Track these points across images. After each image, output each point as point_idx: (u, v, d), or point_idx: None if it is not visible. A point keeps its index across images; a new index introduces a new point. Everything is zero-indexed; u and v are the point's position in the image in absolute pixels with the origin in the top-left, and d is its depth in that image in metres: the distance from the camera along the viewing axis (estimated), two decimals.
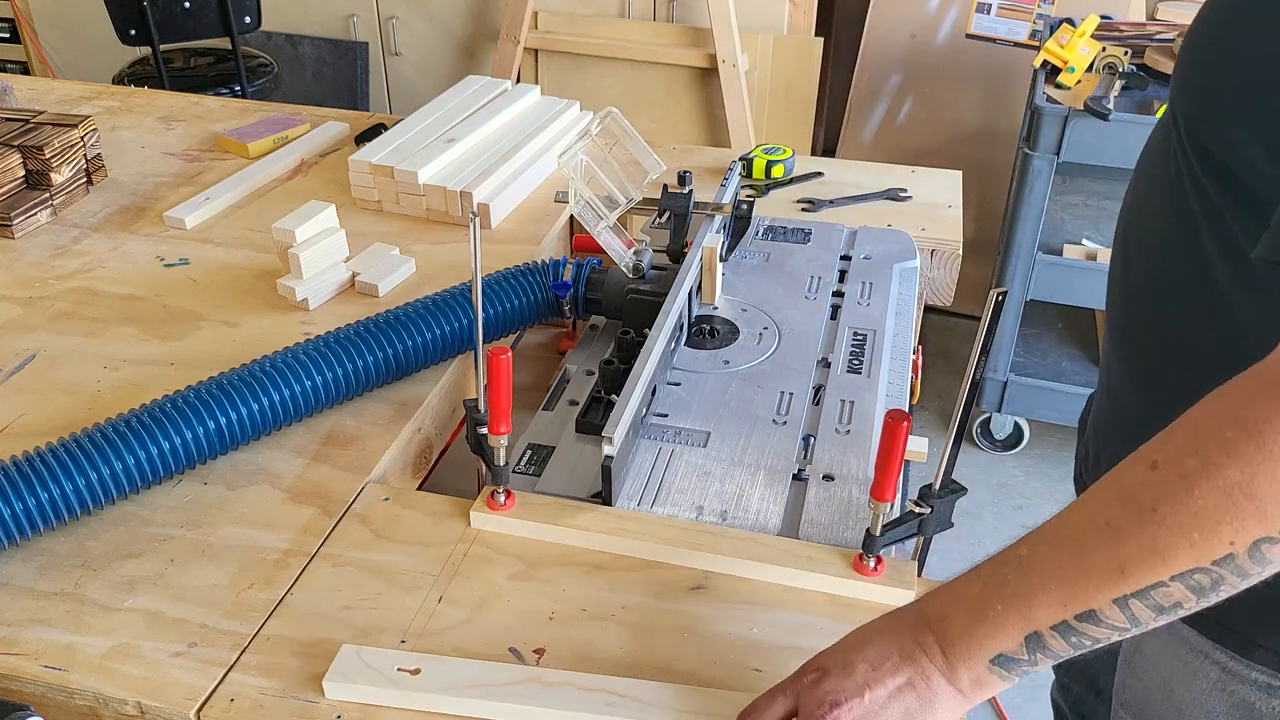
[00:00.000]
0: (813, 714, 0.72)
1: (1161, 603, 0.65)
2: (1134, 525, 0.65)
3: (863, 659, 0.72)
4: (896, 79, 3.12)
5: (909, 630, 0.73)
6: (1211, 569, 0.63)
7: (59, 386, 1.16)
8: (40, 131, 1.53)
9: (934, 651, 0.71)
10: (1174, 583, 0.64)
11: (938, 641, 0.71)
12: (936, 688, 0.71)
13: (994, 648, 0.69)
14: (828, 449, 1.08)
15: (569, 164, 1.17)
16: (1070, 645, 0.68)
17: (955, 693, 0.71)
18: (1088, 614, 0.66)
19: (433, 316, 1.14)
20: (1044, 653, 0.69)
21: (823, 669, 0.74)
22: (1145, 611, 0.66)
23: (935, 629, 0.72)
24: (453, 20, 3.41)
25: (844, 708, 0.71)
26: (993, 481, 2.55)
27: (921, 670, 0.71)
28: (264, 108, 1.93)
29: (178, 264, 1.40)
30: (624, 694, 0.80)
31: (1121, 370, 0.98)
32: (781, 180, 1.65)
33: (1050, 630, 0.68)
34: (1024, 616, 0.68)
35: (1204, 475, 0.62)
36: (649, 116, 3.17)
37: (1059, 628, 0.67)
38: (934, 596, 0.74)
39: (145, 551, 0.95)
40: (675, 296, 1.16)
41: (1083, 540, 0.67)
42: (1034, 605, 0.68)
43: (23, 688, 0.85)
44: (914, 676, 0.71)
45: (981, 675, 0.70)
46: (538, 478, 1.04)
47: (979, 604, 0.70)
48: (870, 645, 0.73)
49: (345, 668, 0.82)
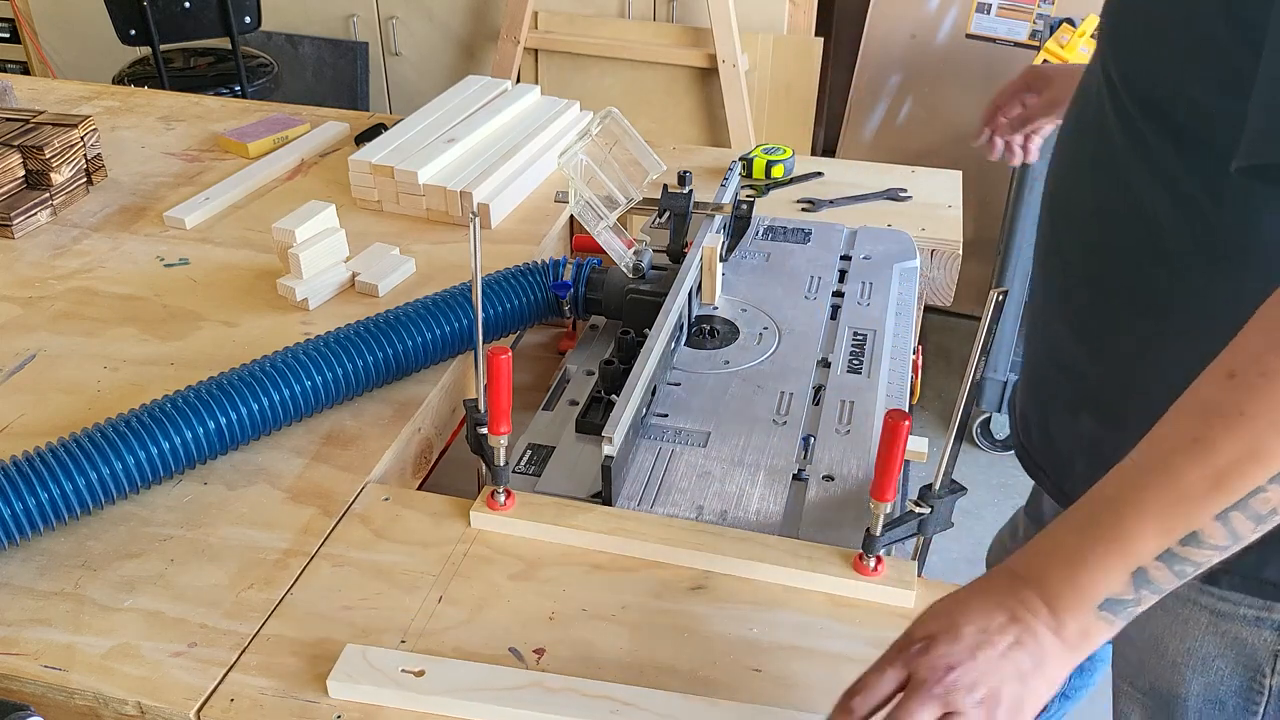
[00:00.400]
0: (927, 680, 0.69)
1: (1260, 510, 0.65)
2: (1224, 434, 0.65)
3: (968, 621, 0.71)
4: (896, 79, 3.12)
5: (1007, 590, 0.71)
6: None
7: (59, 386, 1.16)
8: (40, 131, 1.53)
9: (1038, 607, 0.70)
10: (1272, 485, 0.64)
11: (1040, 597, 0.70)
12: (1045, 644, 0.70)
13: (1101, 592, 0.68)
14: (828, 449, 1.08)
15: (569, 164, 1.17)
16: (1175, 574, 0.68)
17: (1063, 647, 0.70)
18: (1190, 537, 0.66)
19: (433, 316, 1.14)
20: (1149, 588, 0.68)
21: (930, 636, 0.72)
22: (1245, 524, 0.65)
23: (1035, 586, 0.71)
24: (453, 20, 3.41)
25: (959, 670, 0.69)
26: (993, 481, 2.55)
27: (1029, 628, 0.70)
28: (264, 108, 1.93)
29: (178, 264, 1.40)
30: (628, 701, 0.80)
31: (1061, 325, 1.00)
32: (781, 180, 1.65)
33: (1155, 562, 0.67)
34: (1126, 553, 0.68)
35: None
36: (649, 116, 3.17)
37: (1163, 557, 0.67)
38: (1023, 555, 0.73)
39: (145, 551, 0.95)
40: (675, 296, 1.16)
41: (1171, 463, 0.67)
42: (1134, 540, 0.67)
43: (23, 688, 0.85)
44: (1022, 634, 0.70)
45: (1089, 624, 0.69)
46: (538, 478, 1.04)
47: (1076, 552, 0.69)
48: (972, 608, 0.72)
49: (349, 668, 0.82)
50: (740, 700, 0.81)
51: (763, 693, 0.82)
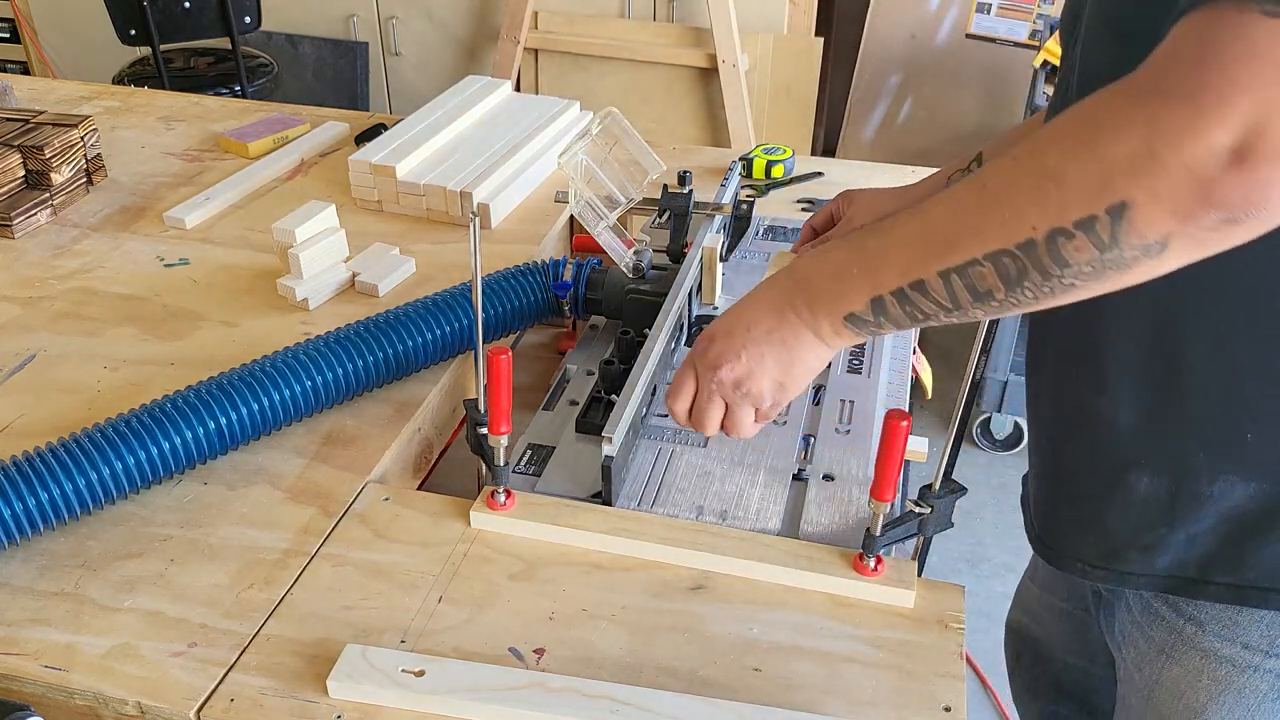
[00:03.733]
0: (704, 377, 0.86)
1: (977, 285, 0.70)
2: (967, 200, 0.70)
3: (740, 324, 0.84)
4: (896, 79, 3.12)
5: (781, 291, 0.82)
6: (1016, 253, 0.66)
7: (59, 386, 1.16)
8: (40, 131, 1.53)
9: (800, 307, 0.81)
10: (986, 263, 0.68)
11: (804, 300, 0.80)
12: (801, 337, 0.81)
13: (846, 306, 0.78)
14: (828, 449, 1.08)
15: (569, 164, 1.17)
16: (905, 313, 0.75)
17: (817, 340, 0.81)
18: (918, 284, 0.72)
19: (433, 316, 1.14)
20: (885, 317, 0.76)
21: (711, 337, 0.86)
22: (963, 293, 0.71)
23: (803, 289, 0.81)
24: (453, 20, 3.41)
25: (725, 368, 0.84)
26: (993, 481, 2.55)
27: (788, 324, 0.82)
28: (264, 108, 1.93)
29: (178, 264, 1.40)
30: (627, 701, 0.80)
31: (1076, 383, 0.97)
32: (781, 180, 1.65)
33: (890, 295, 0.74)
34: (872, 281, 0.75)
35: (1029, 158, 0.66)
36: (649, 116, 3.17)
37: (896, 294, 0.74)
38: (807, 258, 0.82)
39: (145, 551, 0.95)
40: (675, 296, 1.16)
41: (929, 216, 0.73)
42: (880, 271, 0.75)
43: (23, 688, 0.85)
44: (782, 331, 0.82)
45: (838, 327, 0.79)
46: (538, 478, 1.04)
47: (840, 267, 0.78)
48: (748, 310, 0.84)
49: (350, 668, 0.82)
50: (740, 700, 0.81)
51: (763, 693, 0.82)
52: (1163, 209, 0.59)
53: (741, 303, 0.85)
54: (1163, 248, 0.61)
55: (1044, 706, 1.34)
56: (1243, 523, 0.83)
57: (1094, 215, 0.61)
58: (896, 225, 0.75)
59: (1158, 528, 0.86)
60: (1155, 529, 0.86)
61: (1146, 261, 0.63)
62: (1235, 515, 0.83)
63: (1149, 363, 0.82)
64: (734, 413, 0.88)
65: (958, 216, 0.70)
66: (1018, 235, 0.66)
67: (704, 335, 0.87)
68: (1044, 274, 0.66)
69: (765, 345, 0.83)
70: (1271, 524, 0.82)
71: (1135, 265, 0.63)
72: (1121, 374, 0.84)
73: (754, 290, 0.85)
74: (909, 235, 0.73)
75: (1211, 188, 0.57)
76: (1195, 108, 0.57)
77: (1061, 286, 0.66)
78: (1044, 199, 0.64)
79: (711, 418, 0.88)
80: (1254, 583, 0.84)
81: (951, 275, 0.70)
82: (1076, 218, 0.62)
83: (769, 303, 0.83)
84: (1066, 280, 0.66)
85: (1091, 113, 0.62)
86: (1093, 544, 0.91)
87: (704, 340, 0.87)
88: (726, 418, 0.88)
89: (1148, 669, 0.96)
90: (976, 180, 0.69)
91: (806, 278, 0.81)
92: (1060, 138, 0.64)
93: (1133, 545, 0.88)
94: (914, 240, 0.73)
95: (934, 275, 0.71)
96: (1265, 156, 0.55)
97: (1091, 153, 0.61)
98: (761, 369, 0.83)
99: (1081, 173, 0.62)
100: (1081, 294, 0.67)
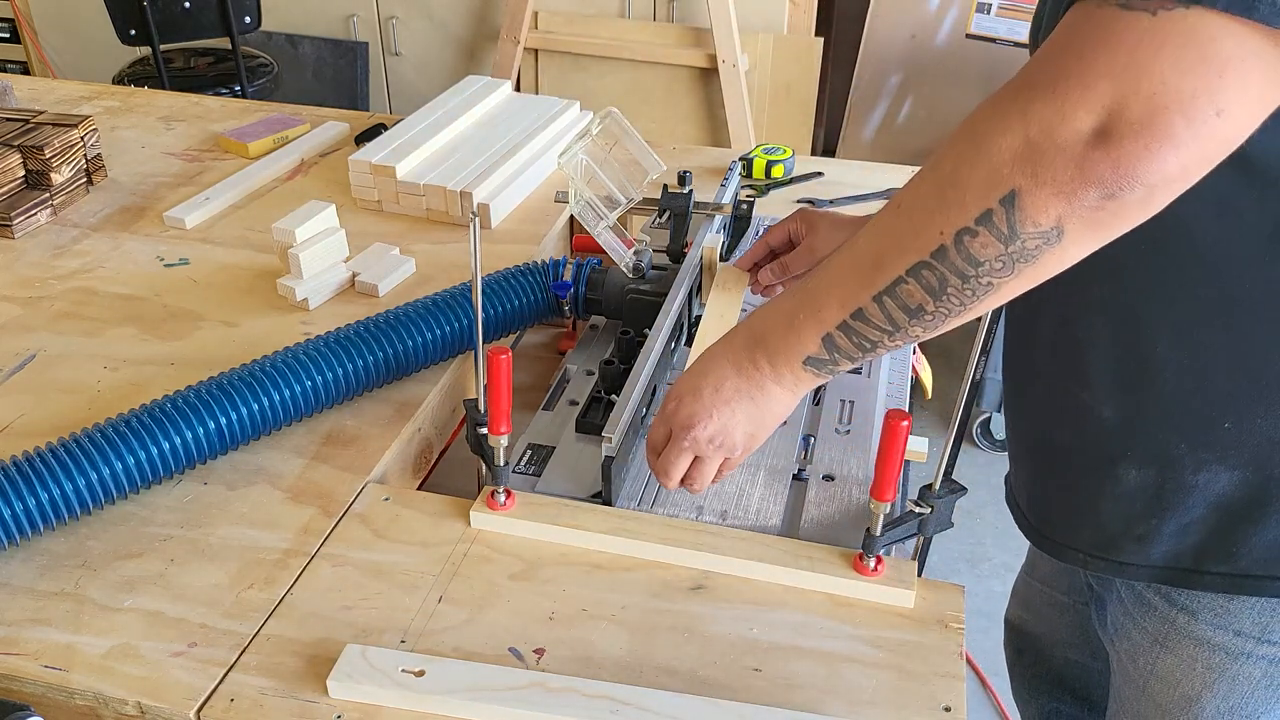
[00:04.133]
0: (678, 434, 0.88)
1: (908, 302, 0.73)
2: (885, 222, 0.74)
3: (707, 383, 0.87)
4: (896, 79, 3.12)
5: (742, 347, 0.85)
6: (931, 262, 0.70)
7: (59, 386, 1.16)
8: (40, 131, 1.53)
9: (761, 362, 0.84)
10: (910, 279, 0.71)
11: (764, 354, 0.84)
12: (767, 390, 0.85)
13: (801, 351, 0.81)
14: (828, 449, 1.08)
15: (569, 164, 1.17)
16: (854, 344, 0.78)
17: (782, 390, 0.85)
18: (858, 312, 0.76)
19: (433, 316, 1.14)
20: (838, 352, 0.79)
21: (679, 397, 0.89)
22: (898, 313, 0.74)
23: (761, 345, 0.84)
24: (453, 20, 3.41)
25: (698, 427, 0.87)
26: (993, 481, 2.54)
27: (753, 379, 0.85)
28: (264, 108, 1.93)
29: (178, 264, 1.40)
30: (628, 701, 0.80)
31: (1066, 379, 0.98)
32: (781, 180, 1.65)
33: (836, 330, 0.78)
34: (818, 320, 0.79)
35: (931, 169, 0.70)
36: (649, 116, 3.17)
37: (842, 327, 0.77)
38: (760, 313, 0.85)
39: (145, 551, 0.95)
40: (675, 296, 1.16)
41: (856, 245, 0.76)
42: (824, 309, 0.78)
43: (23, 688, 0.85)
44: (750, 388, 0.85)
45: (798, 374, 0.83)
46: (538, 478, 1.04)
47: (789, 315, 0.81)
48: (713, 370, 0.87)
49: (350, 668, 0.82)
50: (740, 700, 0.81)
51: (763, 693, 0.82)
52: (1046, 191, 0.63)
53: (704, 361, 0.88)
54: (1059, 234, 0.65)
55: (1044, 703, 1.34)
56: (1231, 511, 0.84)
57: (990, 209, 0.66)
58: (831, 262, 0.79)
59: (1149, 518, 0.87)
60: (1147, 519, 0.87)
61: (1049, 249, 0.66)
62: (1223, 504, 0.84)
63: (1124, 358, 0.84)
64: (702, 464, 0.90)
65: (880, 238, 0.74)
66: (930, 243, 0.69)
67: (672, 394, 0.90)
68: (961, 277, 0.69)
69: (734, 403, 0.86)
70: (1260, 512, 0.83)
71: (1040, 255, 0.66)
72: (1101, 369, 0.86)
73: (715, 348, 0.88)
74: (843, 268, 0.77)
75: (1084, 165, 0.61)
76: (1060, 95, 0.62)
77: (982, 287, 0.70)
78: (945, 203, 0.68)
79: (677, 469, 0.91)
80: (1247, 570, 0.85)
81: (884, 297, 0.74)
82: (976, 214, 0.66)
83: (731, 361, 0.86)
84: (984, 280, 0.69)
85: (978, 115, 0.67)
86: (1089, 535, 0.93)
87: (673, 400, 0.89)
88: (693, 467, 0.91)
89: (1142, 659, 0.96)
90: (892, 201, 0.74)
91: (763, 331, 0.84)
92: (954, 144, 0.68)
93: (1126, 536, 0.89)
94: (847, 271, 0.77)
95: (869, 301, 0.75)
96: (1126, 134, 0.60)
97: (979, 152, 0.66)
98: (734, 423, 0.87)
99: (972, 171, 0.66)
100: (1004, 293, 0.70)
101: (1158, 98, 0.59)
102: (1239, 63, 0.58)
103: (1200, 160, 0.61)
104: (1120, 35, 0.60)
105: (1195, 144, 0.60)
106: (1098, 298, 0.83)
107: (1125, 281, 0.81)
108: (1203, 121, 0.59)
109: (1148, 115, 0.59)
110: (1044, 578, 1.26)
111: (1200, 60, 0.58)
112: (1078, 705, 1.30)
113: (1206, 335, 0.80)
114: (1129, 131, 0.60)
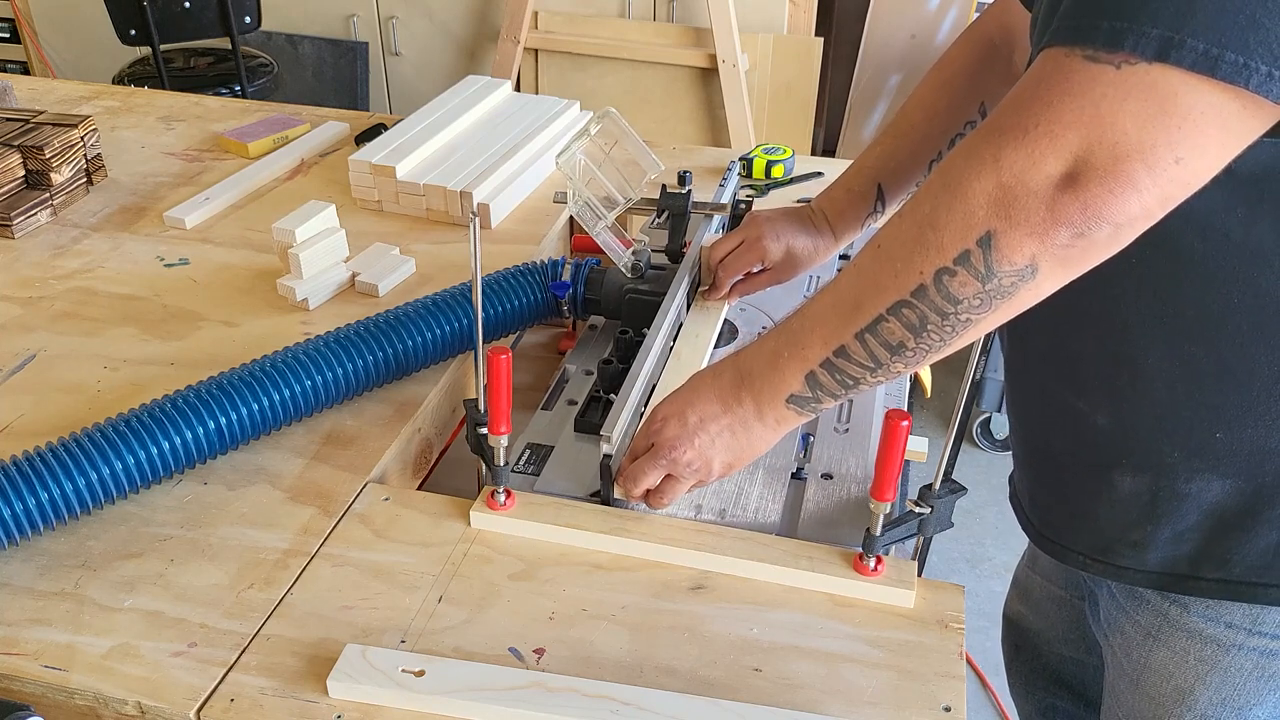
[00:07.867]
0: (659, 452, 0.91)
1: (889, 339, 0.76)
2: (866, 263, 0.76)
3: (692, 413, 0.90)
4: (896, 79, 3.12)
5: (728, 385, 0.88)
6: (912, 300, 0.73)
7: (59, 386, 1.16)
8: (40, 131, 1.53)
9: (746, 401, 0.87)
10: (891, 317, 0.74)
11: (749, 392, 0.86)
12: (750, 427, 0.88)
13: (785, 390, 0.84)
14: (826, 448, 1.08)
15: (567, 164, 1.17)
16: (837, 381, 0.81)
17: (765, 428, 0.88)
18: (840, 350, 0.78)
19: (433, 316, 1.14)
20: (821, 390, 0.82)
21: (664, 418, 0.91)
22: (880, 350, 0.76)
23: (747, 382, 0.87)
24: (453, 20, 3.41)
25: (679, 450, 0.90)
26: (993, 481, 2.54)
27: (738, 416, 0.88)
28: (264, 108, 1.93)
29: (178, 264, 1.40)
30: (628, 701, 0.80)
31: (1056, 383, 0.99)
32: (781, 180, 1.65)
33: (819, 368, 0.80)
34: (801, 359, 0.81)
35: (910, 211, 0.73)
36: (649, 116, 3.17)
37: (825, 365, 0.80)
38: (746, 352, 0.88)
39: (145, 551, 0.95)
40: (674, 296, 1.16)
41: (838, 285, 0.79)
42: (807, 347, 0.81)
43: (23, 688, 0.85)
44: (732, 422, 0.88)
45: (781, 412, 0.86)
46: (536, 477, 1.04)
47: (773, 354, 0.84)
48: (699, 402, 0.90)
49: (350, 668, 0.82)
50: (740, 700, 0.81)
51: (763, 693, 0.82)
52: (1020, 232, 0.67)
53: (691, 390, 0.91)
54: (1033, 271, 0.68)
55: (1041, 699, 1.35)
56: (1224, 519, 0.85)
57: (967, 249, 0.69)
58: (814, 301, 0.81)
59: (1144, 525, 0.88)
60: (1142, 526, 0.88)
61: (1024, 285, 0.69)
62: (1216, 512, 0.85)
63: (1115, 368, 0.85)
64: (675, 483, 0.92)
65: (861, 279, 0.77)
66: (910, 283, 0.72)
67: (658, 413, 0.92)
68: (940, 314, 0.72)
69: (717, 436, 0.89)
70: (1253, 520, 0.84)
71: (1016, 291, 0.70)
72: (1094, 379, 0.87)
73: (704, 379, 0.91)
74: (824, 307, 0.80)
75: (1055, 208, 0.65)
76: (1030, 143, 0.65)
77: (960, 324, 0.72)
78: (925, 244, 0.71)
79: (647, 480, 0.93)
80: (1241, 577, 0.87)
81: (865, 335, 0.76)
82: (954, 254, 0.69)
83: (718, 396, 0.88)
84: (963, 316, 0.72)
85: (953, 159, 0.70)
86: (1087, 539, 0.94)
87: (657, 420, 0.92)
88: (664, 483, 0.93)
89: (1135, 653, 0.97)
90: (872, 241, 0.76)
91: (749, 369, 0.87)
92: (931, 187, 0.71)
93: (1123, 541, 0.90)
94: (829, 311, 0.79)
95: (851, 339, 0.77)
96: (1092, 179, 0.64)
97: (955, 195, 0.69)
98: (713, 452, 0.89)
99: (950, 214, 0.69)
100: (981, 328, 0.73)
101: (1120, 147, 0.63)
102: (1198, 116, 0.62)
103: (1162, 201, 0.65)
104: (1086, 87, 0.63)
105: (1156, 189, 0.64)
106: (1089, 311, 0.85)
107: (1116, 295, 0.82)
108: (1162, 169, 0.63)
109: (1112, 163, 0.63)
110: (1044, 571, 1.27)
111: (1160, 114, 0.62)
112: (1074, 701, 1.31)
113: (1196, 348, 0.80)
114: (1095, 177, 0.64)
